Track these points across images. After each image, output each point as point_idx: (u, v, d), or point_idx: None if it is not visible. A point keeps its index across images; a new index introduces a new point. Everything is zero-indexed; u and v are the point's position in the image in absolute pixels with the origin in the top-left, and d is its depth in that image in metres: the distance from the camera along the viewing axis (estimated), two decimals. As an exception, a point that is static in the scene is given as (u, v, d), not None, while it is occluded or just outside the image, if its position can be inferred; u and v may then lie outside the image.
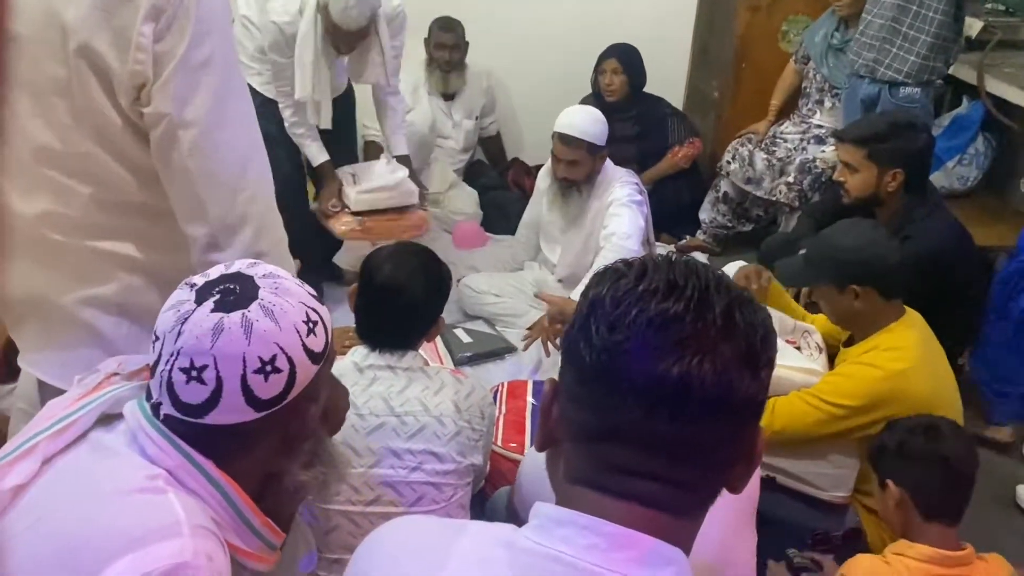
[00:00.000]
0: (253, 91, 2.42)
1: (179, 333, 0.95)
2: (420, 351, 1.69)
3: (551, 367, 2.68)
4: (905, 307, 2.08)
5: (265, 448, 1.02)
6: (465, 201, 3.90)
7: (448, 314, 3.07)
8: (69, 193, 1.24)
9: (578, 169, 2.87)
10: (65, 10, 1.12)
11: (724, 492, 0.75)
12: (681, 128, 3.86)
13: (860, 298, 2.00)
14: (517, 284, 3.18)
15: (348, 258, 3.46)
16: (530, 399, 2.42)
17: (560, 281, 3.08)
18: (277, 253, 1.29)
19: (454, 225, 3.80)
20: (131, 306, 1.32)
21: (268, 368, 0.95)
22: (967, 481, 1.68)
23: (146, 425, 0.97)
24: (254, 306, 0.96)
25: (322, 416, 1.08)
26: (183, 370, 0.94)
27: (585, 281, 2.73)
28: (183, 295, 0.98)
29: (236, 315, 0.95)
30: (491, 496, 1.94)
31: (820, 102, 3.67)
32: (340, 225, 3.07)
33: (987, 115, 3.42)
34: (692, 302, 0.69)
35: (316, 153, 3.03)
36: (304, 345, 0.99)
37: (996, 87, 3.32)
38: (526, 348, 2.71)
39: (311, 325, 1.00)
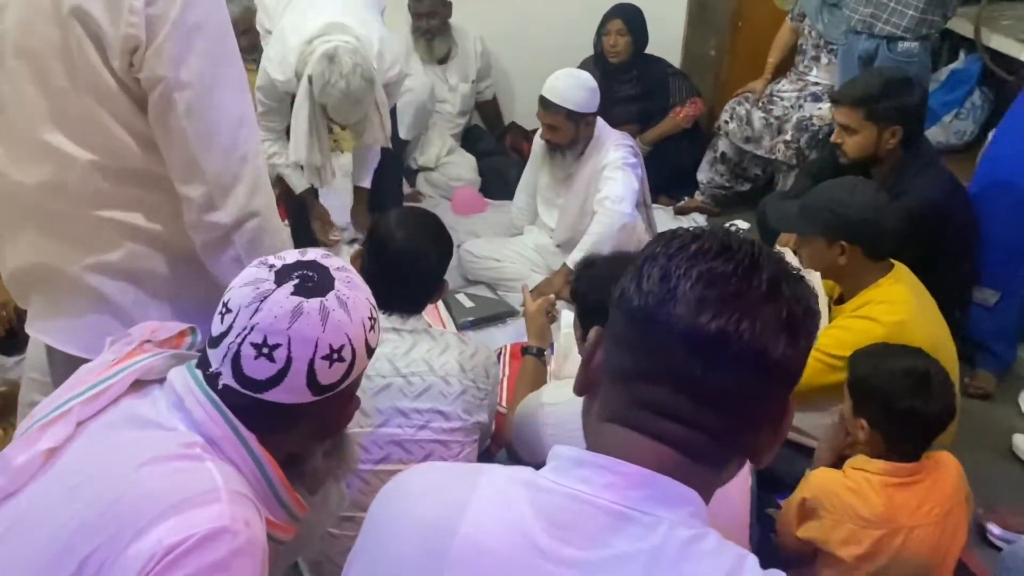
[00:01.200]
0: None
1: (257, 309, 0.98)
2: (423, 315, 1.72)
3: (553, 330, 2.71)
4: (893, 262, 2.12)
5: (302, 431, 1.06)
6: (463, 167, 3.91)
7: (449, 279, 3.10)
8: (70, 161, 1.26)
9: (558, 133, 2.88)
10: None
11: None
12: (683, 88, 3.85)
13: (846, 254, 2.05)
14: (518, 248, 3.20)
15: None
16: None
17: (559, 246, 3.10)
18: (269, 213, 1.32)
19: (453, 191, 3.81)
20: (136, 271, 1.35)
21: (335, 356, 1.00)
22: (939, 431, 1.72)
23: (197, 392, 0.99)
24: (331, 295, 1.00)
25: None
26: (255, 345, 0.98)
27: (582, 244, 2.69)
28: (261, 273, 1.01)
29: (315, 301, 0.99)
30: (496, 454, 1.98)
31: (816, 58, 3.67)
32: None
33: (984, 69, 3.42)
34: (741, 265, 0.73)
35: (297, 182, 2.94)
36: (366, 339, 1.04)
37: (994, 40, 3.31)
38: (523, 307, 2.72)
39: (373, 321, 1.05)
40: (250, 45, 3.18)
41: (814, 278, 2.35)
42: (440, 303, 2.82)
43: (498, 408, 2.07)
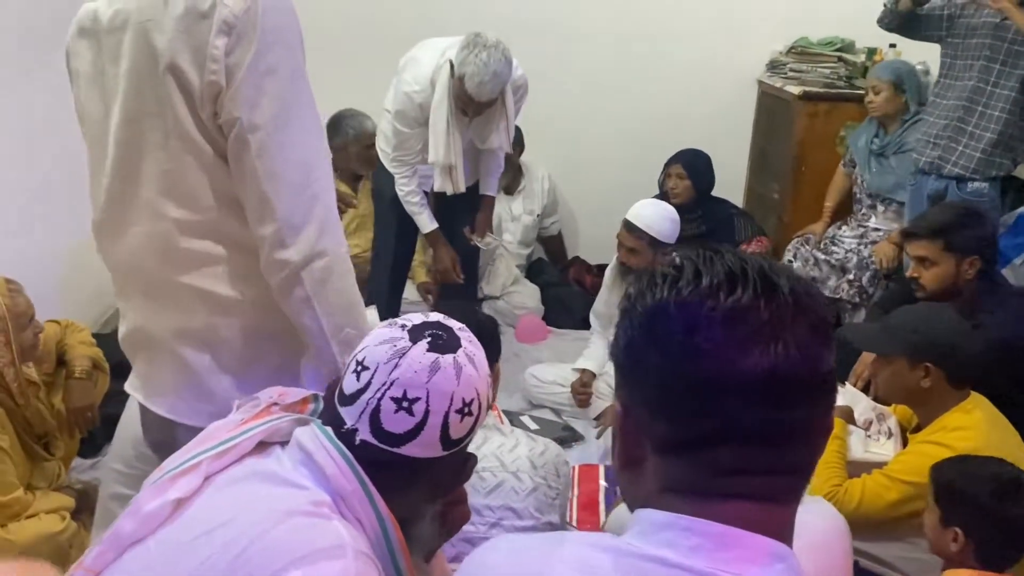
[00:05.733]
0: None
1: (396, 365, 1.02)
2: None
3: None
4: (970, 391, 2.07)
5: (420, 491, 1.08)
6: (528, 296, 3.99)
7: (514, 403, 3.14)
8: (158, 217, 1.34)
9: (637, 257, 2.95)
10: (156, 37, 1.26)
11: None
12: (748, 227, 3.93)
13: (929, 377, 2.01)
14: (582, 375, 3.19)
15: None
16: (602, 482, 2.42)
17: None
18: (337, 255, 1.34)
19: (517, 319, 3.86)
20: (213, 340, 1.39)
21: (466, 410, 1.04)
22: None
23: (330, 447, 1.02)
24: (460, 352, 1.05)
25: None
26: (395, 400, 1.02)
27: None
28: (395, 332, 1.06)
29: (449, 357, 1.04)
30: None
31: (873, 207, 3.68)
32: None
33: (1052, 214, 3.42)
34: (758, 288, 0.68)
35: (427, 222, 3.22)
36: (488, 394, 1.08)
37: (1060, 186, 3.33)
38: (599, 436, 2.73)
39: (491, 379, 1.11)
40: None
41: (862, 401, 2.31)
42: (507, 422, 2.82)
43: (568, 527, 2.02)
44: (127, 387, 1.53)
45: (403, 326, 1.06)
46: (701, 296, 0.68)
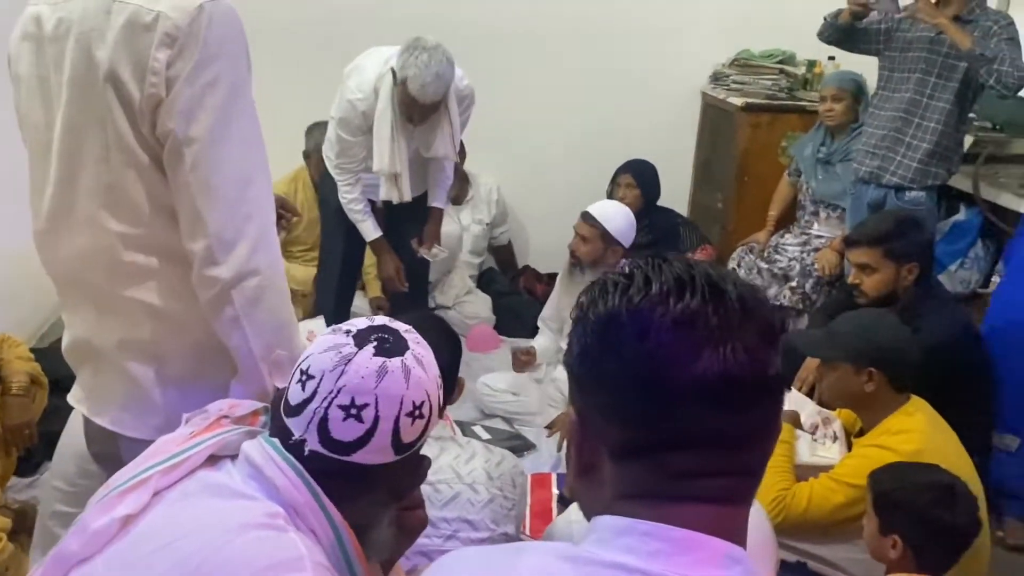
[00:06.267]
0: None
1: (342, 372, 1.00)
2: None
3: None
4: (911, 395, 2.13)
5: (375, 496, 1.06)
6: (479, 306, 3.99)
7: (465, 413, 3.13)
8: (102, 231, 1.30)
9: (586, 247, 2.98)
10: (98, 49, 1.23)
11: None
12: (693, 236, 3.99)
13: (872, 381, 2.06)
14: (534, 382, 3.20)
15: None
16: (555, 490, 2.43)
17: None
18: (270, 274, 1.31)
19: (468, 329, 3.85)
20: (160, 353, 1.37)
21: (416, 413, 1.02)
22: (967, 544, 1.73)
23: (279, 460, 1.00)
24: (408, 354, 1.03)
25: None
26: (342, 407, 0.99)
27: None
28: (339, 339, 1.03)
29: (396, 360, 1.02)
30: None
31: (816, 214, 3.76)
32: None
33: (985, 221, 3.54)
34: (706, 293, 0.70)
35: (370, 230, 3.20)
36: (439, 396, 1.07)
37: (992, 194, 3.45)
38: (560, 448, 2.74)
39: (441, 381, 1.09)
40: None
41: (808, 405, 2.36)
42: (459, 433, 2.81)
43: (522, 536, 2.01)
44: (70, 399, 1.49)
45: (348, 331, 1.04)
46: (652, 303, 0.70)
